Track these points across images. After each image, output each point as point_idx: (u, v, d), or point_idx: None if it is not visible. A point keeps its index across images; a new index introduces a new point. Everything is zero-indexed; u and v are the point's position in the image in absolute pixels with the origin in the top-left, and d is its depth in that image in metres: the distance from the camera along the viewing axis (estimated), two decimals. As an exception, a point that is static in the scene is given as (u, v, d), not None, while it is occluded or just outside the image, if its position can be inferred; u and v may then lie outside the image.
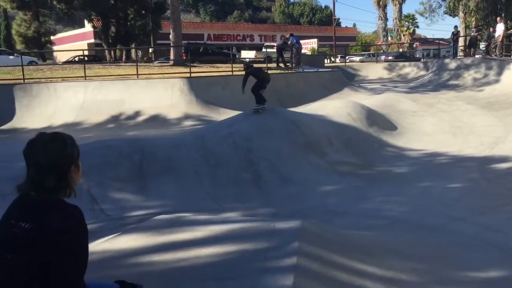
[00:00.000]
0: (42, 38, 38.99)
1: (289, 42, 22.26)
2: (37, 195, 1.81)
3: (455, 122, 12.90)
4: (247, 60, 32.67)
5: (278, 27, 63.94)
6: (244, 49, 40.63)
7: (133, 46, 38.22)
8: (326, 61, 34.06)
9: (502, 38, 21.88)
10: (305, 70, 21.17)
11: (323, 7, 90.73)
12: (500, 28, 21.71)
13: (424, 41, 64.09)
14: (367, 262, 4.07)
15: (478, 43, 26.82)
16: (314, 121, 11.15)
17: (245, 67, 11.07)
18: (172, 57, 23.91)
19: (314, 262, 3.54)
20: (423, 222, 6.70)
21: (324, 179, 8.98)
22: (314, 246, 3.92)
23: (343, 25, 79.20)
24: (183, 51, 25.30)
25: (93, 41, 45.52)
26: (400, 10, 52.02)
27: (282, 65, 22.19)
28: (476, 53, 25.25)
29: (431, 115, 13.50)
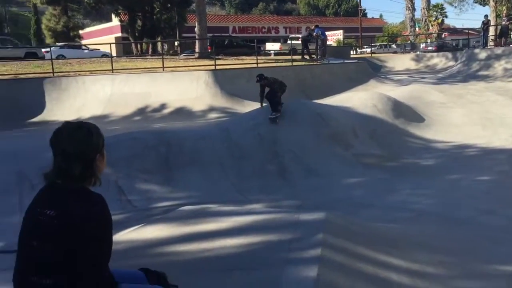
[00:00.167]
0: (71, 32, 39.56)
1: (314, 34, 22.13)
2: (63, 183, 1.84)
3: (485, 113, 12.58)
4: (272, 51, 32.53)
5: (303, 19, 63.36)
6: (268, 41, 40.48)
7: (159, 39, 38.56)
8: (352, 52, 33.68)
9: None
10: (330, 62, 20.99)
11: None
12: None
13: (453, 31, 62.67)
14: (393, 254, 4.02)
15: (509, 33, 26.11)
16: (340, 112, 11.06)
17: (257, 80, 10.13)
18: (197, 50, 24.01)
19: (338, 254, 3.53)
20: (451, 215, 6.60)
21: (349, 171, 8.92)
22: (338, 238, 3.90)
23: (370, 15, 78.28)
24: (208, 44, 25.39)
25: (120, 35, 46.02)
26: (428, 0, 50.87)
27: (307, 56, 22.08)
28: (507, 42, 24.59)
29: (460, 107, 13.21)
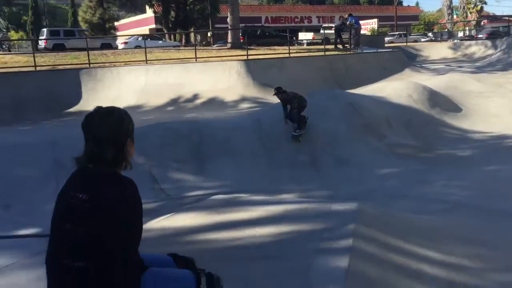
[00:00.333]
0: (106, 24, 40.28)
1: (347, 23, 21.78)
2: (94, 168, 1.87)
3: (526, 103, 12.16)
4: (305, 41, 32.22)
5: (336, 8, 62.37)
6: (301, 31, 40.15)
7: (192, 30, 38.77)
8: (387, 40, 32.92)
9: None
10: (364, 51, 20.64)
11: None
12: None
13: (492, 18, 60.51)
14: (426, 246, 3.95)
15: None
16: (373, 102, 10.89)
17: (275, 93, 9.63)
18: (229, 40, 24.01)
19: (370, 245, 3.49)
20: (488, 207, 6.42)
21: (382, 162, 8.80)
22: (370, 229, 3.86)
23: (405, 3, 76.22)
24: (241, 34, 25.36)
25: (154, 26, 46.52)
26: (467, -14, 49.33)
27: (340, 46, 21.77)
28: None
29: (499, 96, 12.78)
